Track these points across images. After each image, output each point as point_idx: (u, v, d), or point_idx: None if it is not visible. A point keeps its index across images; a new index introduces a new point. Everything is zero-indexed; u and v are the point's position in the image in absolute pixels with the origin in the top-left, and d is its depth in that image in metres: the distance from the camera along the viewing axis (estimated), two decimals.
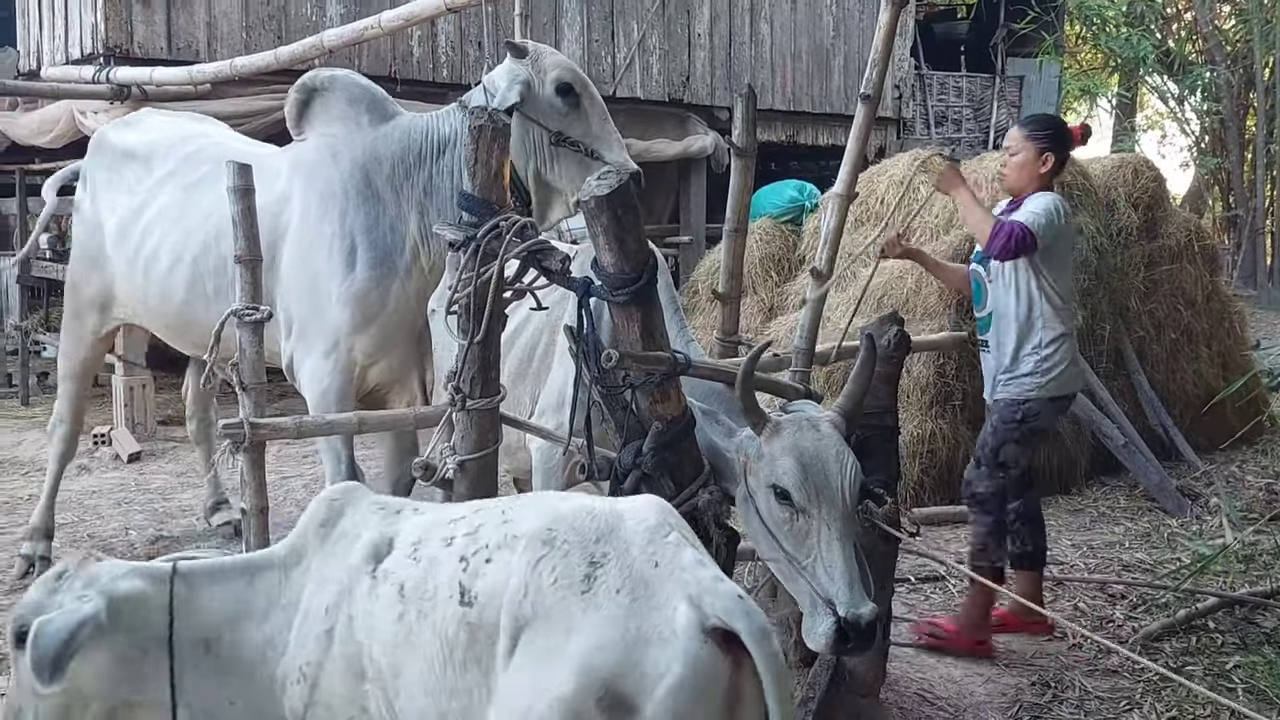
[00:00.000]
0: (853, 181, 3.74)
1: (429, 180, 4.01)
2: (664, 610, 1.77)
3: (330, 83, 4.17)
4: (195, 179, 4.27)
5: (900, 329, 3.28)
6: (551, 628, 1.78)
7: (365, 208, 3.99)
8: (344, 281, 3.96)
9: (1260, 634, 3.95)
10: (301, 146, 4.19)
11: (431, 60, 8.98)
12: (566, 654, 1.74)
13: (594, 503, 2.00)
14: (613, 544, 1.84)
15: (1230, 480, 6.11)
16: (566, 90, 3.80)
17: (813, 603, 2.47)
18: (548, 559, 1.84)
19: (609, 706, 1.71)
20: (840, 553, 2.46)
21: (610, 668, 1.73)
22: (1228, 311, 7.18)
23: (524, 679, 1.77)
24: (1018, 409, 3.85)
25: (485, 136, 2.93)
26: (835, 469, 2.52)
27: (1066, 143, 3.94)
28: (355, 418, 3.72)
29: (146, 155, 4.45)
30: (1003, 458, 3.85)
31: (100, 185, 4.57)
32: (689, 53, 10.76)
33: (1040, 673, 3.65)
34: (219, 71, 7.15)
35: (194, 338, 4.26)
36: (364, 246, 3.97)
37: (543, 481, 3.22)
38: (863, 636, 2.41)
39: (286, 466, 6.82)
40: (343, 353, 4.01)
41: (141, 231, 4.32)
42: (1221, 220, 19.34)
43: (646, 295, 2.51)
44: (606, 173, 2.45)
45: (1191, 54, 18.43)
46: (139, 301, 4.47)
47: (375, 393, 4.31)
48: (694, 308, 8.35)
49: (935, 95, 14.28)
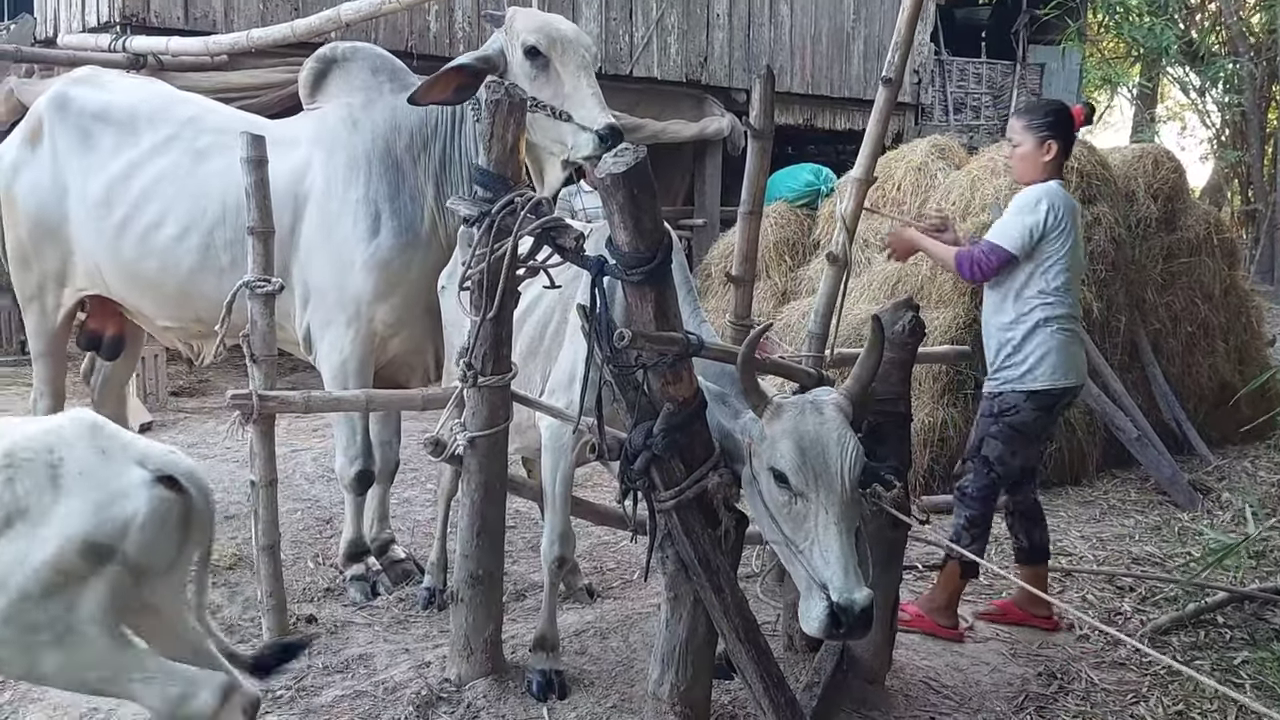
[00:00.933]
0: (871, 165, 3.71)
1: (444, 152, 4.01)
2: (121, 476, 2.41)
3: (352, 53, 4.17)
4: (203, 146, 4.16)
5: (915, 315, 3.25)
6: (32, 519, 2.34)
7: (388, 176, 3.98)
8: (369, 248, 3.94)
9: (1270, 630, 3.93)
10: (318, 115, 4.16)
11: (448, 36, 8.94)
12: (47, 530, 2.33)
13: (32, 426, 2.49)
14: (62, 449, 2.41)
15: (1243, 475, 6.08)
16: (533, 53, 3.76)
17: (808, 587, 2.47)
18: (16, 476, 2.36)
19: (88, 553, 2.32)
20: (836, 538, 2.45)
21: (84, 527, 2.33)
22: (1245, 306, 7.12)
23: (8, 555, 2.32)
24: (994, 403, 3.81)
25: (501, 111, 2.92)
26: (835, 453, 2.50)
27: (1068, 127, 3.85)
28: (364, 395, 3.72)
29: (128, 118, 4.25)
30: (984, 451, 3.80)
31: (65, 148, 4.28)
32: (708, 33, 10.69)
33: (1047, 664, 3.63)
34: (235, 43, 7.14)
35: (197, 309, 4.18)
36: (388, 214, 3.96)
37: (552, 460, 3.21)
38: (856, 622, 2.40)
39: (297, 440, 6.83)
40: (364, 323, 4.00)
41: (136, 199, 4.15)
42: (1240, 214, 19.17)
43: (661, 275, 2.49)
44: (624, 150, 2.42)
45: (1214, 45, 18.23)
46: (122, 272, 4.26)
47: (392, 366, 4.30)
48: (707, 290, 8.32)
49: (955, 81, 14.16)
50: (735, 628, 2.69)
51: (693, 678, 2.84)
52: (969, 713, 3.25)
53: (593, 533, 4.89)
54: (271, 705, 3.15)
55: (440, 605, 3.96)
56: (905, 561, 4.21)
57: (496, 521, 3.16)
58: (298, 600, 4.06)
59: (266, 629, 3.63)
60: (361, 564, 4.22)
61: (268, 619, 3.64)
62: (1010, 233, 3.70)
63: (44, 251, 4.45)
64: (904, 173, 7.19)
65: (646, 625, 3.61)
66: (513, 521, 4.91)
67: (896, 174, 7.21)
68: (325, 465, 6.16)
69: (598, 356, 2.58)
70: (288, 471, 5.97)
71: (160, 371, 7.72)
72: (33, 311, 4.63)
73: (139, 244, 4.17)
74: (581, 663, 3.38)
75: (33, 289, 4.57)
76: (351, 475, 4.13)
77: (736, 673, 2.80)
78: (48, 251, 4.44)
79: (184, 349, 4.58)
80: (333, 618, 3.89)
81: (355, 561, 4.22)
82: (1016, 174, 3.96)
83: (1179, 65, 16.80)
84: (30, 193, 4.39)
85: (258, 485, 3.63)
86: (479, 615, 3.16)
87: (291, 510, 5.25)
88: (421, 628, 3.85)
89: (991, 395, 3.81)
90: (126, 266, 4.24)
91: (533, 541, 4.78)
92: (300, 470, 6.12)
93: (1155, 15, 14.20)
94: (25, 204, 4.42)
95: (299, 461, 6.30)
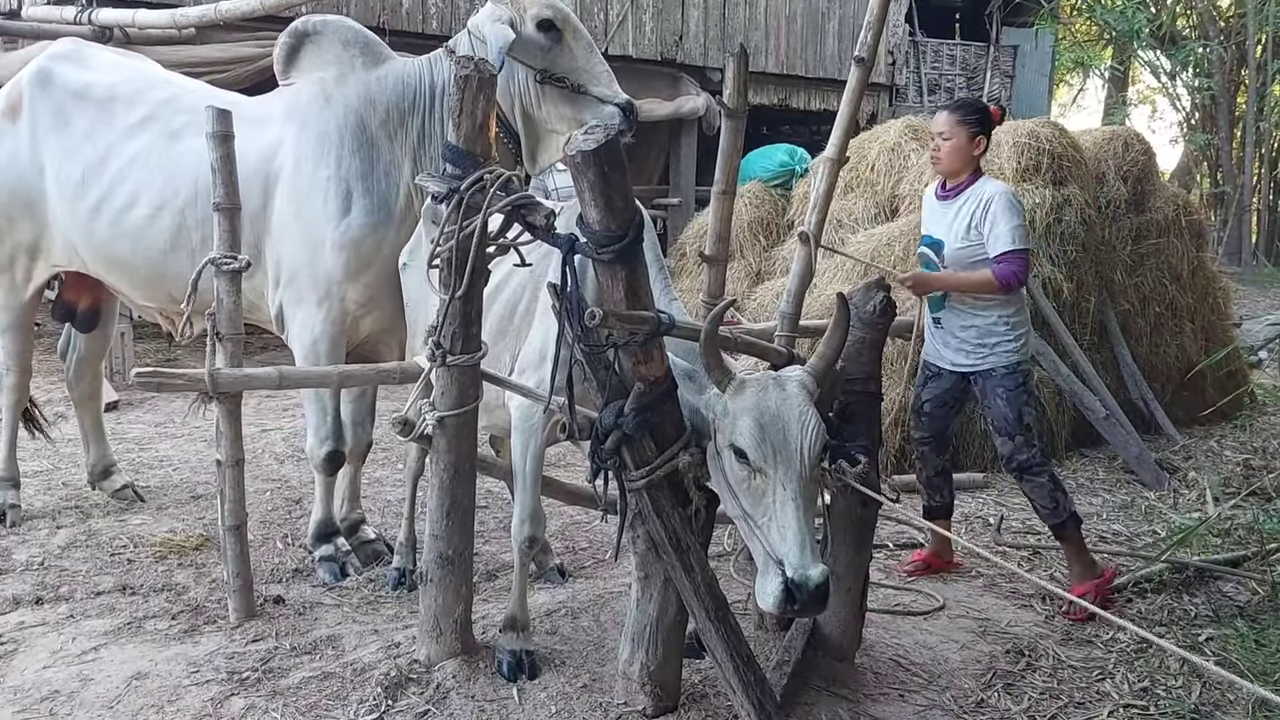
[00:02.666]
0: (844, 146, 3.71)
1: (422, 127, 3.96)
2: None
3: (322, 26, 4.10)
4: (177, 126, 4.12)
5: (886, 295, 3.25)
6: None
7: (361, 153, 3.93)
8: (339, 226, 3.89)
9: (1233, 607, 3.97)
10: (291, 91, 4.10)
11: (421, 11, 8.84)
12: None
13: None
14: None
15: (1209, 455, 6.14)
16: (548, 26, 3.78)
17: (764, 562, 2.47)
18: None
19: None
20: (794, 514, 2.45)
21: None
22: (1212, 287, 7.18)
23: None
24: (1017, 373, 4.01)
25: (471, 86, 2.89)
26: (795, 430, 2.50)
27: (991, 125, 4.08)
28: (336, 371, 3.69)
29: (108, 99, 4.21)
30: (1026, 419, 4.02)
31: (44, 126, 4.25)
32: (683, 11, 10.63)
33: (1015, 641, 3.66)
34: (203, 15, 7.04)
35: (169, 288, 4.14)
36: (360, 192, 3.91)
37: (522, 441, 3.19)
38: (810, 599, 2.40)
39: (267, 419, 6.78)
40: (335, 301, 3.95)
41: (110, 179, 4.12)
42: (1209, 196, 19.36)
43: (632, 254, 2.47)
44: (594, 127, 2.40)
45: (1185, 29, 18.34)
46: (97, 252, 4.23)
47: (365, 345, 4.26)
48: (682, 270, 8.32)
49: (929, 63, 14.19)
50: (706, 607, 2.70)
51: (663, 657, 2.84)
52: (937, 690, 3.27)
53: (564, 512, 4.88)
54: (238, 686, 3.13)
55: (410, 586, 3.95)
56: (876, 541, 4.24)
57: (466, 501, 3.14)
58: (266, 581, 4.03)
59: (233, 610, 3.61)
60: (331, 544, 4.19)
61: (233, 600, 3.61)
62: (1019, 234, 3.92)
63: (18, 224, 4.42)
64: (877, 153, 7.20)
65: (618, 605, 3.61)
66: (483, 501, 4.90)
67: (870, 154, 7.22)
68: (295, 445, 6.12)
69: (568, 335, 2.57)
70: (257, 451, 5.93)
71: (127, 350, 7.63)
72: (2, 284, 4.60)
73: (112, 225, 4.14)
74: (552, 642, 3.38)
75: (4, 260, 4.54)
76: (322, 455, 4.10)
77: (707, 652, 2.80)
78: (22, 225, 4.41)
79: (166, 325, 4.54)
80: (301, 598, 3.86)
81: (324, 542, 4.19)
82: (944, 166, 4.08)
83: (1150, 49, 16.89)
84: (7, 166, 4.36)
85: (224, 465, 3.59)
86: (449, 596, 3.14)
87: (260, 490, 5.21)
88: (391, 608, 3.83)
89: (1012, 367, 4.00)
90: (101, 247, 4.20)
91: (504, 521, 4.76)
92: (270, 450, 6.07)
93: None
94: (1, 177, 4.38)
95: (269, 441, 6.26)
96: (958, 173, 4.05)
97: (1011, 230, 3.89)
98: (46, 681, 3.19)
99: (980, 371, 4.04)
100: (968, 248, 3.98)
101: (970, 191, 4.01)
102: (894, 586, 4.17)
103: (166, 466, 5.70)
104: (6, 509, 4.65)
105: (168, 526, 4.64)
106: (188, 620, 3.64)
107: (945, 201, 4.08)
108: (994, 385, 4.02)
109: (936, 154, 4.07)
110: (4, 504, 4.66)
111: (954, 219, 4.02)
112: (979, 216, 3.95)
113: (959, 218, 4.00)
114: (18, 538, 4.46)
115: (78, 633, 3.54)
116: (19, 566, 4.14)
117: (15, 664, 3.33)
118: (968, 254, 3.99)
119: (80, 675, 3.22)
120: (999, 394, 4.01)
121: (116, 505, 4.92)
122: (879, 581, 4.15)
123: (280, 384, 3.57)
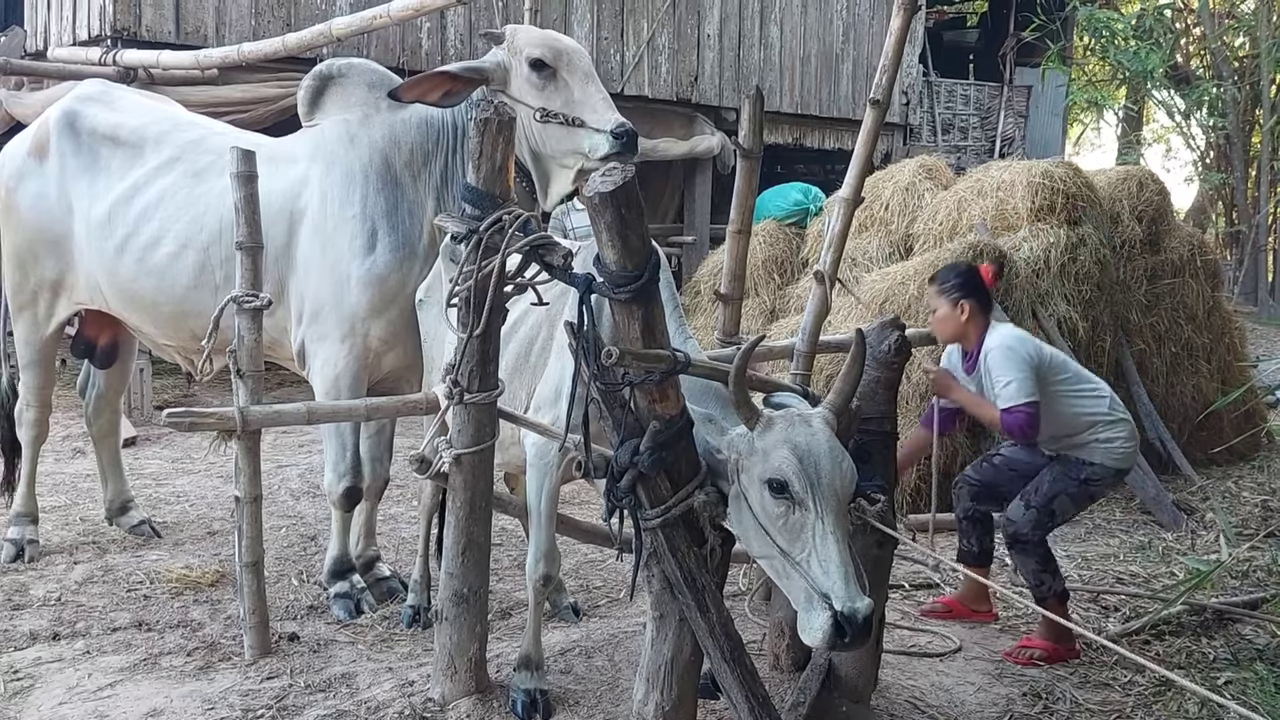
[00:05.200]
0: (859, 186, 3.73)
1: (445, 167, 4.03)
2: None
3: (348, 69, 4.18)
4: (202, 166, 4.20)
5: (901, 335, 3.26)
6: None
7: (385, 191, 3.99)
8: (364, 263, 3.95)
9: (1253, 650, 3.93)
10: (317, 131, 4.17)
11: (440, 53, 8.96)
12: None
13: None
14: None
15: (1226, 496, 6.10)
16: (539, 65, 3.82)
17: (808, 598, 2.46)
18: None
19: None
20: (835, 547, 2.46)
21: None
22: (1229, 327, 7.16)
23: None
24: (1082, 469, 3.92)
25: (490, 129, 2.93)
26: (828, 464, 2.51)
27: (977, 285, 4.04)
28: (363, 404, 3.74)
29: (136, 140, 4.29)
30: (1055, 507, 3.92)
31: (73, 167, 4.35)
32: (698, 53, 10.75)
33: (1031, 683, 3.63)
34: (226, 57, 7.15)
35: (192, 326, 4.19)
36: (385, 230, 3.97)
37: (537, 478, 3.20)
38: (859, 631, 2.41)
39: (283, 455, 6.81)
40: (359, 338, 4.00)
41: (135, 219, 4.19)
42: (1224, 236, 19.33)
43: (648, 293, 2.49)
44: (612, 169, 2.43)
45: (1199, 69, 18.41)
46: (120, 291, 4.29)
47: (386, 381, 4.30)
48: (696, 308, 8.34)
49: (943, 102, 14.27)
50: (721, 647, 2.69)
51: (678, 697, 2.83)
52: None
53: (578, 550, 4.87)
54: None
55: (425, 623, 3.94)
56: (892, 580, 4.22)
57: (482, 539, 3.15)
58: (281, 618, 4.03)
59: (248, 646, 3.61)
60: (346, 581, 4.20)
61: (249, 636, 3.62)
62: (1018, 389, 3.80)
63: (43, 262, 4.49)
64: (891, 192, 7.23)
65: (632, 644, 3.60)
66: (498, 539, 4.90)
67: (884, 194, 7.26)
68: (311, 481, 6.14)
69: (585, 373, 2.59)
70: (273, 487, 5.95)
71: (146, 385, 7.69)
72: (25, 320, 4.66)
73: (137, 263, 4.20)
74: (566, 682, 3.37)
75: (27, 297, 4.61)
76: (340, 491, 4.11)
77: (722, 692, 2.79)
78: (47, 262, 4.49)
79: (185, 364, 4.59)
80: (316, 635, 3.87)
81: (339, 579, 4.20)
82: (941, 337, 4.12)
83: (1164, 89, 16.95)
84: (34, 204, 4.44)
85: (242, 501, 3.61)
86: (464, 634, 3.14)
87: (276, 527, 5.23)
88: (405, 646, 3.83)
89: (1083, 463, 3.91)
90: (125, 285, 4.27)
91: (518, 559, 4.76)
92: (286, 486, 6.09)
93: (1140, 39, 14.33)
94: (27, 214, 4.47)
95: (284, 477, 6.28)
96: (955, 339, 4.06)
97: (1007, 387, 3.82)
98: (63, 718, 3.20)
99: (1057, 453, 3.99)
100: None
101: (982, 356, 3.96)
102: (909, 628, 4.14)
103: (183, 502, 5.73)
104: (25, 544, 4.67)
105: (184, 562, 4.66)
106: (203, 657, 3.65)
107: (969, 375, 4.06)
108: (1060, 464, 3.95)
109: (932, 326, 4.12)
110: (22, 539, 4.69)
111: (977, 389, 4.01)
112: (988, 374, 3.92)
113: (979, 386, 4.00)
114: (35, 573, 4.48)
115: (94, 669, 3.55)
116: (36, 602, 4.16)
117: (32, 700, 3.34)
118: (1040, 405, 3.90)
119: (96, 712, 3.23)
120: (1055, 469, 3.94)
121: (134, 541, 4.94)
122: (895, 622, 4.13)
123: (309, 419, 3.62)
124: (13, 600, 4.16)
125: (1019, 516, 3.92)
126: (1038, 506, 3.91)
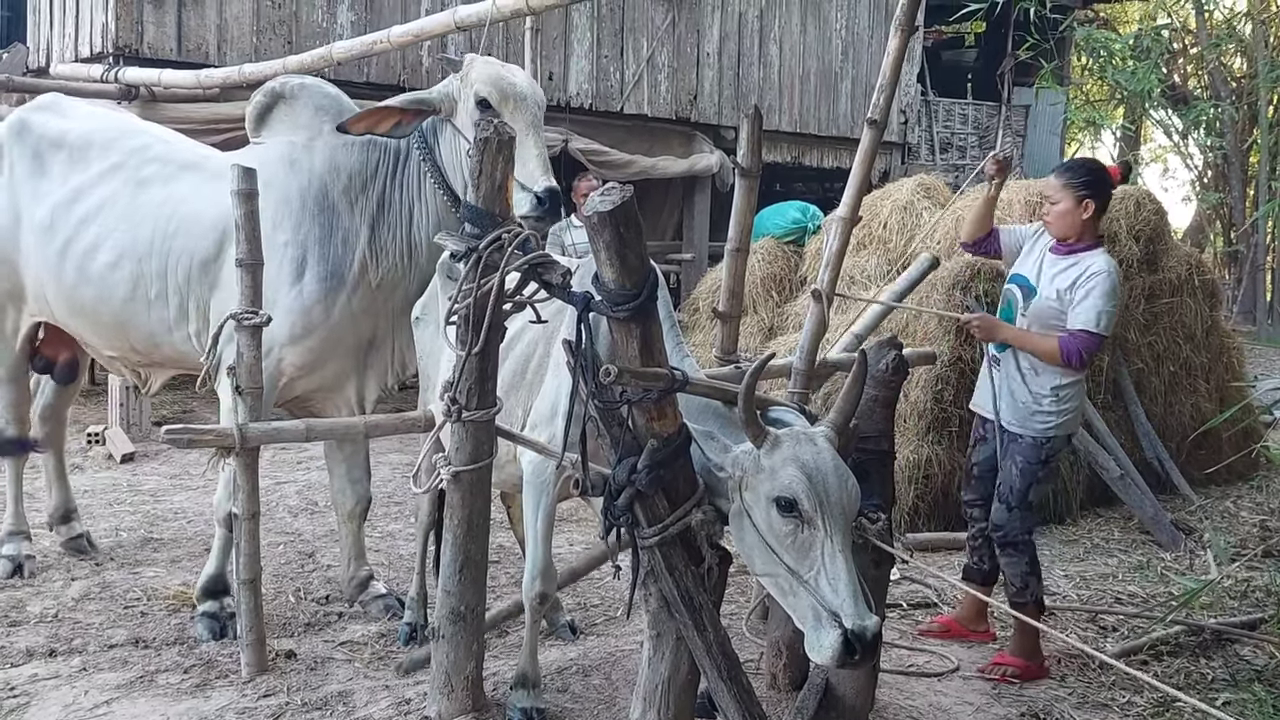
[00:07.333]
0: (856, 205, 3.75)
1: (383, 194, 4.01)
2: None
3: (299, 90, 4.14)
4: (145, 176, 4.14)
5: (898, 354, 3.27)
6: None
7: (320, 218, 3.97)
8: (290, 292, 3.93)
9: (1251, 671, 3.93)
10: (258, 151, 4.12)
11: (441, 73, 8.99)
12: None
13: None
14: None
15: (1224, 515, 6.10)
16: (485, 105, 3.80)
17: (816, 616, 2.46)
18: None
19: None
20: (844, 565, 2.47)
21: None
22: (1226, 347, 7.18)
23: None
24: (1041, 449, 3.91)
25: (490, 148, 2.94)
26: (835, 482, 2.52)
27: (1105, 186, 3.98)
28: (362, 421, 3.76)
29: (82, 145, 4.23)
30: (1032, 497, 3.94)
31: (23, 174, 4.27)
32: (697, 72, 10.80)
33: (1030, 704, 3.62)
34: (227, 77, 7.18)
35: (132, 340, 4.16)
36: (315, 259, 3.95)
37: (534, 496, 3.20)
38: (868, 649, 2.41)
39: (281, 472, 6.80)
40: (272, 362, 3.91)
41: (76, 224, 4.13)
42: (1222, 255, 19.39)
43: (646, 311, 2.50)
44: (611, 188, 2.45)
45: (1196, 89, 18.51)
46: (63, 298, 4.22)
47: (299, 400, 4.27)
48: (694, 325, 8.35)
49: (941, 121, 14.32)
50: (718, 666, 2.69)
51: (675, 716, 2.82)
52: None
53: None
54: None
55: (421, 641, 3.93)
56: (889, 600, 4.21)
57: (479, 557, 3.15)
58: (278, 635, 4.02)
59: (245, 664, 3.60)
60: (216, 601, 4.03)
61: (246, 654, 3.61)
62: (1104, 319, 3.80)
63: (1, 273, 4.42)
64: (890, 211, 7.25)
65: (629, 662, 3.59)
66: (495, 556, 4.89)
67: (883, 212, 7.28)
68: (309, 498, 6.14)
69: (582, 391, 2.59)
70: (270, 504, 5.94)
71: (144, 401, 7.69)
72: None
73: (77, 270, 4.14)
74: (563, 700, 3.36)
75: None
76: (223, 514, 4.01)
77: (719, 711, 2.79)
78: (3, 275, 4.42)
79: (131, 377, 4.55)
80: (313, 653, 3.86)
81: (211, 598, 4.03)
82: (1054, 230, 3.98)
83: (1161, 109, 17.03)
84: None
85: (240, 518, 3.61)
86: (460, 652, 3.14)
87: (273, 544, 5.22)
88: None
89: (1039, 441, 3.90)
90: (68, 293, 4.21)
91: (515, 577, 4.75)
92: (284, 503, 6.09)
93: (1138, 59, 14.42)
94: None
95: (282, 494, 6.27)
96: (1066, 236, 3.93)
97: (1098, 312, 3.77)
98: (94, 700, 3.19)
99: (1011, 432, 3.96)
100: (1055, 307, 3.87)
101: (1083, 256, 3.89)
102: (907, 647, 4.13)
103: (181, 519, 5.72)
104: (22, 559, 4.65)
105: (181, 579, 4.65)
106: (200, 674, 3.64)
107: (1057, 255, 3.96)
108: (1017, 450, 3.93)
109: (1046, 218, 4.00)
110: (19, 555, 4.67)
111: (1057, 274, 3.91)
112: (1079, 282, 3.84)
113: (1062, 275, 3.90)
114: (32, 589, 4.48)
115: (90, 686, 3.53)
116: (33, 618, 4.15)
117: (28, 717, 3.33)
118: (1052, 313, 3.87)
119: None
120: (1016, 460, 3.92)
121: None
122: (892, 642, 4.12)
123: (308, 437, 3.63)
124: (9, 617, 4.15)
125: (1004, 521, 3.93)
126: (1018, 505, 3.92)
